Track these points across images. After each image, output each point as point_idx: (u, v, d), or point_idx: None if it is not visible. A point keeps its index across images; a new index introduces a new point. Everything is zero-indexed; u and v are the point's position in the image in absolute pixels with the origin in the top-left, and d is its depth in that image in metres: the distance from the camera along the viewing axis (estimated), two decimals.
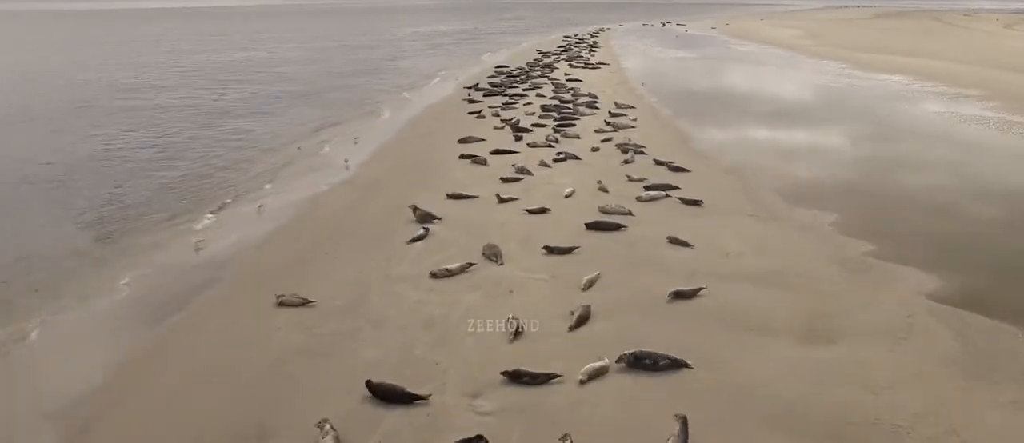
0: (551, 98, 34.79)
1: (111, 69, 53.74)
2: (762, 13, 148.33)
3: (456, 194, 18.63)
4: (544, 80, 41.30)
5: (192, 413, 9.57)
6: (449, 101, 35.92)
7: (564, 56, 55.24)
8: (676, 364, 10.33)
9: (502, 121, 28.70)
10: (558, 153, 22.87)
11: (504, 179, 20.13)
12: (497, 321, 11.64)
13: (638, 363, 10.31)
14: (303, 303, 12.54)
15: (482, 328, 11.56)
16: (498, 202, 18.08)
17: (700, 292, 12.68)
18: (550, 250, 14.73)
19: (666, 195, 18.51)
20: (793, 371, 10.32)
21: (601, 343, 10.95)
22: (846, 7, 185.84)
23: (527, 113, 30.60)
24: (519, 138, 25.53)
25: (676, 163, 21.55)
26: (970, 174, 21.89)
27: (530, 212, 17.23)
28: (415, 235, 15.68)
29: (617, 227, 16.07)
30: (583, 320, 11.70)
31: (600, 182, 19.32)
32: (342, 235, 16.15)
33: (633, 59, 55.56)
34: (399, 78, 47.09)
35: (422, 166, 22.39)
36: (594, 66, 48.96)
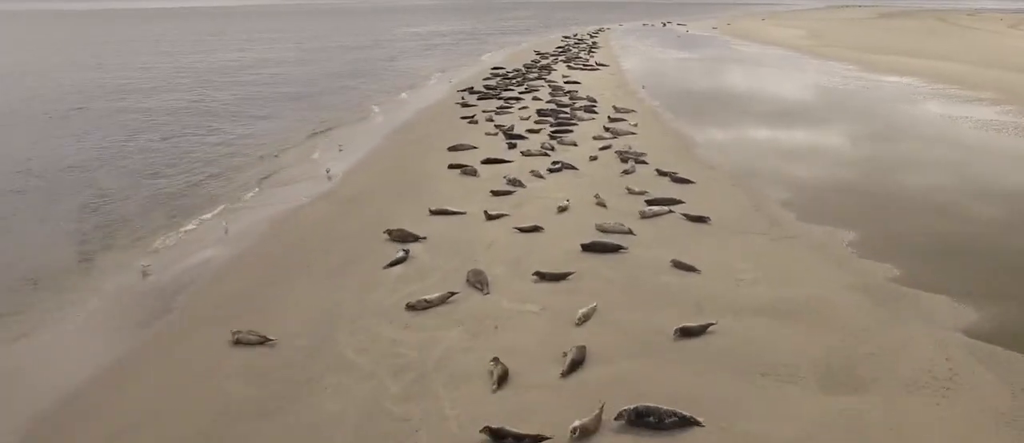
0: (548, 102, 33.36)
1: (106, 70, 52.41)
2: (763, 13, 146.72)
3: (441, 210, 17.20)
4: (541, 82, 39.86)
5: None
6: (442, 104, 34.49)
7: (562, 57, 53.80)
8: (684, 422, 8.89)
9: (495, 127, 27.27)
10: (553, 163, 21.44)
11: (494, 192, 18.70)
12: (480, 363, 10.21)
13: (640, 421, 8.88)
14: (261, 341, 11.11)
15: (461, 373, 10.13)
16: (486, 219, 16.65)
17: (709, 328, 11.24)
18: (542, 276, 13.29)
19: (669, 211, 17.07)
20: (820, 428, 8.88)
21: (597, 392, 9.50)
22: (847, 7, 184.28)
23: (522, 118, 29.18)
24: (512, 145, 24.10)
25: (679, 174, 20.11)
26: (997, 187, 20.39)
27: (521, 230, 15.79)
28: (393, 258, 14.25)
29: (616, 248, 14.64)
30: (577, 364, 10.26)
31: (598, 196, 17.89)
32: (313, 257, 14.72)
33: (633, 60, 54.11)
34: (393, 80, 45.70)
35: (408, 177, 20.97)
36: (593, 68, 47.52)
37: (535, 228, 15.85)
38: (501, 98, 34.64)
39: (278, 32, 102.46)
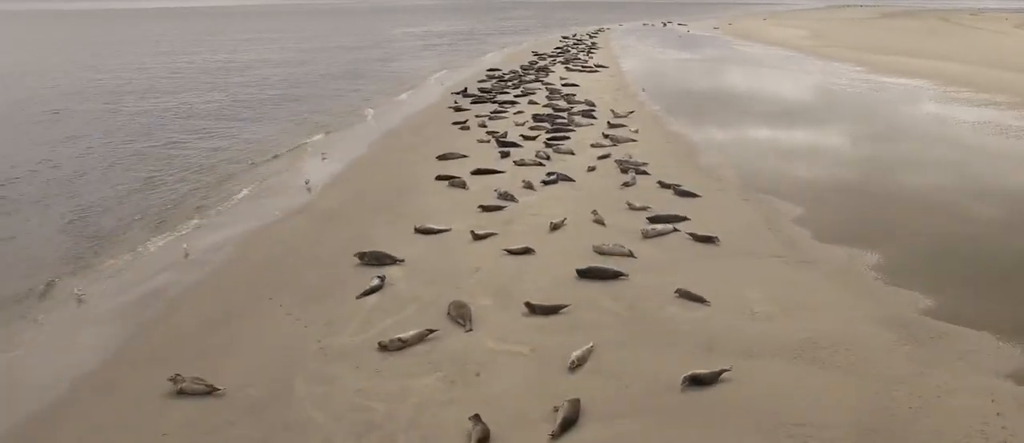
0: (544, 106, 31.95)
1: (98, 71, 50.95)
2: (764, 13, 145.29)
3: (425, 228, 15.75)
4: (538, 85, 38.43)
5: None
6: (434, 109, 33.04)
7: (561, 58, 52.35)
8: None
9: (487, 133, 25.83)
10: (548, 174, 19.98)
11: (483, 208, 17.25)
12: (458, 420, 8.78)
13: None
14: (208, 391, 9.66)
15: (435, 434, 8.69)
16: (473, 239, 15.20)
17: (722, 376, 9.79)
18: (532, 309, 11.84)
19: (674, 229, 15.62)
20: None
21: None
22: (848, 6, 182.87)
23: (517, 123, 27.73)
24: (505, 154, 22.65)
25: (684, 187, 18.66)
26: None
27: (511, 253, 14.33)
28: (368, 287, 12.80)
29: (615, 275, 13.18)
30: (569, 423, 8.82)
31: (595, 213, 16.44)
32: (280, 285, 13.24)
33: (633, 61, 52.64)
34: (386, 82, 44.22)
35: (392, 189, 19.51)
36: (592, 69, 46.07)
37: (526, 250, 14.40)
38: (496, 102, 33.21)
39: (276, 32, 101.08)
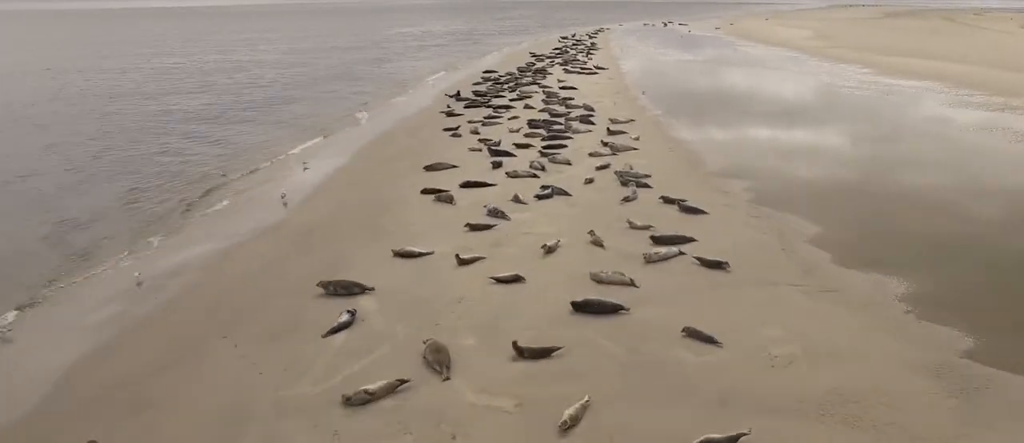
0: (541, 110, 30.52)
1: (89, 73, 49.60)
2: (766, 13, 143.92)
3: (405, 251, 14.30)
4: (535, 88, 36.98)
5: None
6: (425, 113, 31.61)
7: (559, 60, 50.90)
8: None
9: (480, 141, 24.40)
10: (543, 188, 18.54)
11: (471, 226, 15.81)
12: None
13: None
14: None
15: None
16: (458, 264, 13.77)
17: (740, 441, 8.36)
18: (520, 352, 10.40)
19: (679, 252, 14.17)
20: None
21: None
22: (850, 6, 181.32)
23: (511, 130, 26.29)
24: (498, 164, 21.22)
25: (689, 202, 17.21)
26: None
27: (499, 281, 12.89)
28: (335, 323, 11.36)
29: (615, 309, 11.74)
30: None
31: (593, 233, 14.99)
32: (238, 320, 11.80)
33: (634, 63, 51.16)
34: (378, 85, 42.81)
35: (374, 205, 18.07)
36: (591, 71, 44.62)
37: (516, 278, 12.95)
38: (490, 106, 31.79)
39: (271, 32, 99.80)
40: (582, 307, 11.75)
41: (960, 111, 31.05)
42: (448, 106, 31.84)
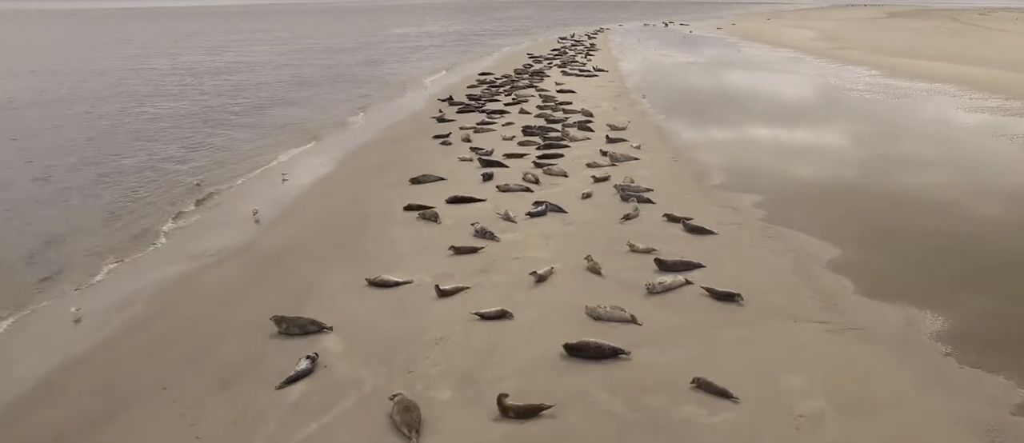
0: (537, 115, 29.08)
1: (72, 76, 48.15)
2: (767, 12, 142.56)
3: (380, 280, 12.83)
4: (532, 91, 35.54)
5: None
6: (416, 119, 30.18)
7: (557, 61, 49.47)
8: None
9: (471, 149, 22.95)
10: (536, 204, 17.06)
11: (456, 249, 14.34)
12: None
13: None
14: None
15: None
16: (438, 296, 12.31)
17: None
18: (504, 410, 8.94)
19: (686, 282, 12.71)
20: None
21: None
22: (852, 5, 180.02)
23: (505, 137, 24.82)
24: (488, 177, 19.76)
25: (695, 221, 15.74)
26: None
27: (483, 317, 11.43)
28: (294, 371, 9.90)
29: (614, 353, 10.28)
30: None
31: (590, 258, 13.52)
32: (183, 364, 10.34)
33: (635, 65, 49.68)
34: (370, 88, 41.36)
35: (353, 223, 16.61)
36: (591, 73, 43.18)
37: (502, 314, 11.48)
38: (484, 111, 30.35)
39: (265, 33, 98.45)
40: (576, 350, 10.30)
41: (978, 116, 29.59)
42: (440, 111, 30.42)
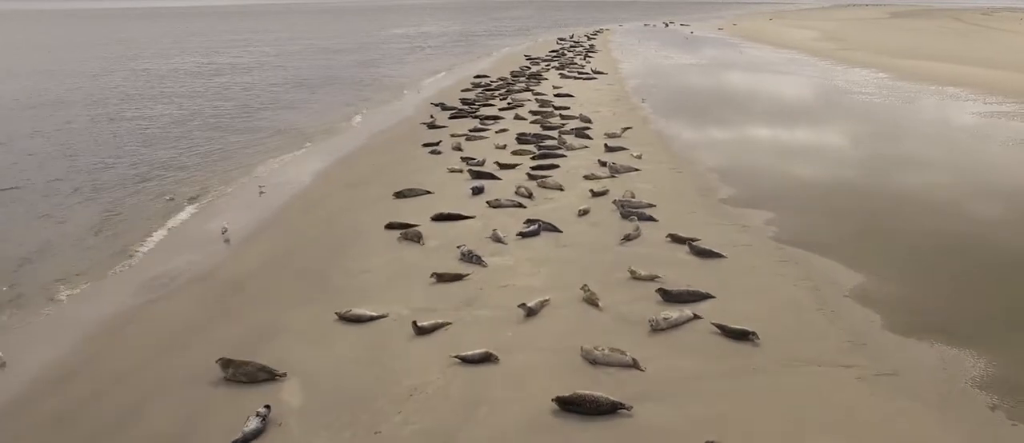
0: (533, 120, 27.73)
1: (67, 78, 46.79)
2: (769, 12, 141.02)
3: (352, 315, 11.45)
4: (528, 95, 34.18)
5: None
6: (406, 124, 28.83)
7: (555, 63, 48.10)
8: None
9: (462, 159, 21.58)
10: (528, 222, 15.66)
11: (439, 277, 12.96)
12: None
13: None
14: None
15: None
16: (415, 333, 10.93)
17: None
18: None
19: (694, 316, 11.32)
20: None
21: None
22: (854, 5, 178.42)
23: (498, 145, 23.48)
24: (478, 190, 18.39)
25: (702, 243, 14.36)
26: None
27: (465, 361, 10.06)
28: (241, 433, 8.53)
29: (612, 408, 8.90)
30: None
31: (586, 288, 12.14)
32: (105, 434, 8.93)
33: (635, 67, 48.26)
34: (361, 91, 40.00)
35: (329, 244, 15.23)
36: (589, 76, 41.81)
37: (486, 357, 10.11)
38: (477, 116, 28.98)
39: (263, 33, 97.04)
40: (570, 405, 8.93)
41: (995, 123, 28.16)
42: (431, 117, 29.03)
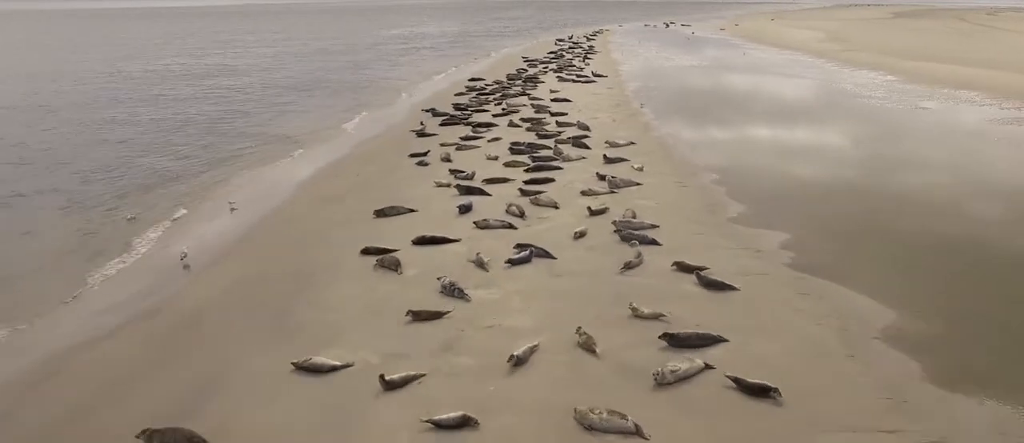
0: (528, 127, 26.21)
1: (64, 77, 45.54)
2: (770, 12, 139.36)
3: (310, 365, 9.93)
4: (524, 99, 32.67)
5: None
6: (394, 131, 27.36)
7: (553, 65, 46.51)
8: None
9: (450, 172, 20.07)
10: (518, 248, 14.12)
11: (415, 315, 11.43)
12: None
13: None
14: None
15: None
16: (383, 388, 9.41)
17: None
18: None
19: (705, 366, 9.79)
20: None
21: None
22: (855, 5, 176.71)
23: (490, 156, 21.95)
24: (466, 209, 16.85)
25: (711, 273, 12.82)
26: None
27: (439, 426, 8.54)
28: None
29: None
30: None
31: (581, 330, 10.60)
32: None
33: (635, 69, 46.70)
34: (352, 95, 38.51)
35: (296, 271, 13.70)
36: (588, 79, 40.28)
37: (464, 421, 8.59)
38: (469, 123, 27.46)
39: (264, 33, 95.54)
40: None
41: (1016, 130, 26.64)
42: (421, 124, 27.49)
